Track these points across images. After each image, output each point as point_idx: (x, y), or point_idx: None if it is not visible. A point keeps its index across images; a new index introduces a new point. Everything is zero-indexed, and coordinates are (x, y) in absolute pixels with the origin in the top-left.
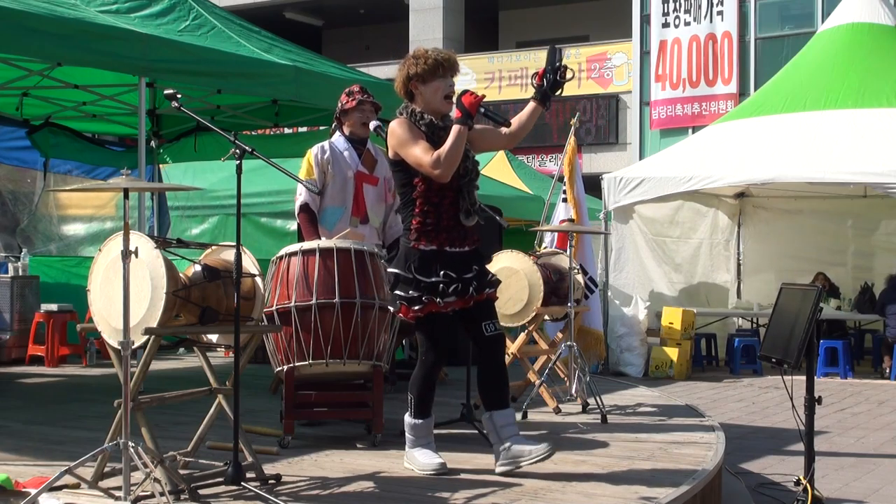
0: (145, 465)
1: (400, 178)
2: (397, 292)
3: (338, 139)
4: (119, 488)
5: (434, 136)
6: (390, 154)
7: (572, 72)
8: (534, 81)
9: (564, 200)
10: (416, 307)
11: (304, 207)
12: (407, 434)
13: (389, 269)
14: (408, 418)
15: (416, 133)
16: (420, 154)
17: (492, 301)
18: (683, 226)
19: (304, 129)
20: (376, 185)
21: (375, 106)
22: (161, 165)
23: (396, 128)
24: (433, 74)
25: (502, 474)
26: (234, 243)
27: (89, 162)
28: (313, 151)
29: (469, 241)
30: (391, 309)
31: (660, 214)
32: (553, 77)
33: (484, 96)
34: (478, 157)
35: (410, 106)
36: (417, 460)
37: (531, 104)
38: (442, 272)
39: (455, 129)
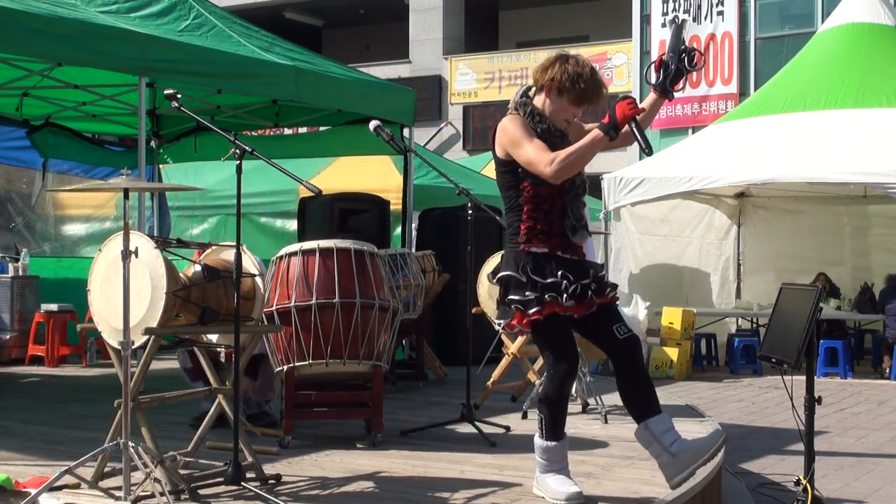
0: (145, 465)
1: (507, 179)
2: (511, 297)
3: None
4: (119, 488)
5: (546, 141)
6: (499, 153)
7: (703, 56)
8: (648, 74)
9: None
10: (534, 309)
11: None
12: (538, 458)
13: (500, 274)
14: (538, 440)
15: (530, 131)
16: (533, 152)
17: (615, 305)
18: (673, 224)
19: (304, 129)
20: None
21: None
22: (161, 165)
23: (508, 125)
24: (573, 98)
25: (679, 484)
26: (234, 243)
27: (89, 162)
28: None
29: (580, 252)
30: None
31: (652, 213)
32: (676, 64)
33: (643, 110)
34: (476, 157)
35: (531, 103)
36: (550, 487)
37: (650, 96)
38: (559, 272)
39: (594, 133)
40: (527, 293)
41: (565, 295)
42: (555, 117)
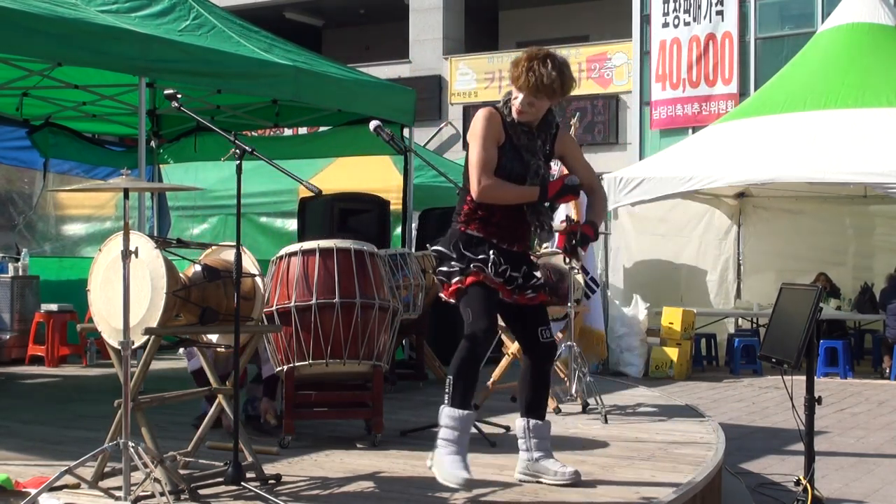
0: (145, 465)
1: (467, 159)
2: (440, 269)
3: None
4: (119, 488)
5: (511, 133)
6: (468, 136)
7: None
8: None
9: None
10: (456, 279)
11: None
12: (442, 427)
13: (434, 248)
14: (445, 408)
15: (492, 135)
16: (478, 161)
17: (544, 306)
18: (671, 223)
19: (304, 129)
20: None
21: None
22: (161, 165)
23: (477, 120)
24: (517, 85)
25: (520, 481)
26: (234, 243)
27: (89, 162)
28: None
29: (519, 244)
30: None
31: (651, 212)
32: (572, 242)
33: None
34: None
35: (509, 96)
36: (444, 467)
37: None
38: (492, 251)
39: (533, 190)
40: (453, 264)
41: (492, 268)
42: (525, 112)
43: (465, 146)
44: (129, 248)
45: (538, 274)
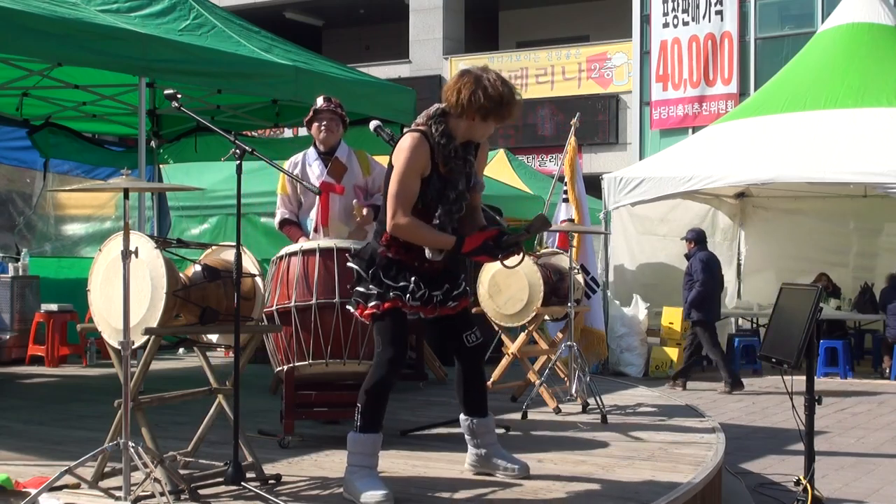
0: (145, 465)
1: (387, 183)
2: (357, 289)
3: (311, 151)
4: (119, 488)
5: (439, 161)
6: (392, 157)
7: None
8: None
9: (566, 200)
10: (373, 303)
11: (286, 221)
12: (349, 453)
13: (353, 266)
14: (352, 435)
15: (417, 168)
16: (397, 198)
17: (468, 310)
18: (672, 224)
19: (305, 129)
20: (343, 194)
21: (339, 115)
22: (161, 165)
23: (403, 148)
24: (482, 117)
25: (473, 472)
26: (234, 243)
27: (89, 162)
28: (287, 165)
29: (442, 262)
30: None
31: (651, 213)
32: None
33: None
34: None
35: (443, 124)
36: (357, 489)
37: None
38: (412, 278)
39: (449, 239)
40: (370, 287)
41: (409, 296)
42: (464, 137)
43: (390, 165)
44: (129, 248)
45: (461, 282)
